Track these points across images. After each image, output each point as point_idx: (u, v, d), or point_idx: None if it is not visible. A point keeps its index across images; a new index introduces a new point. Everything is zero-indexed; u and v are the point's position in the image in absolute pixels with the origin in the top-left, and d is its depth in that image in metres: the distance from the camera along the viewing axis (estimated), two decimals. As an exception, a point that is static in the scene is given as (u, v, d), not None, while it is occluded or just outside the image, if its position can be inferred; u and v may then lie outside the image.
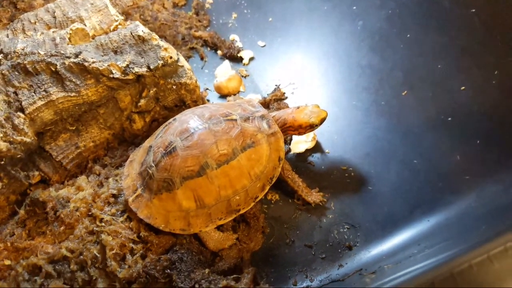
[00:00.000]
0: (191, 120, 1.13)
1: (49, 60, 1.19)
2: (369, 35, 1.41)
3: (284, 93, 1.44)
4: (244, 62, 1.58)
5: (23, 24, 1.31)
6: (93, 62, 1.19)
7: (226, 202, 1.11)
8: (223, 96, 1.51)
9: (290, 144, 1.35)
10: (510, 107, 1.08)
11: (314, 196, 1.25)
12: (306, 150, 1.34)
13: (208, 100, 1.49)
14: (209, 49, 1.63)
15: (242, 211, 1.13)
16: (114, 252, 1.08)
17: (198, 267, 1.10)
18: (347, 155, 1.31)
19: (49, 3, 1.35)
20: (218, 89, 1.51)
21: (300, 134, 1.24)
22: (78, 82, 1.20)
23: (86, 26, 1.27)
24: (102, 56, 1.22)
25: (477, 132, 1.13)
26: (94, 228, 1.12)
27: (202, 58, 1.60)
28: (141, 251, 1.10)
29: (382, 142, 1.29)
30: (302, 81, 1.24)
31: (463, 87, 1.17)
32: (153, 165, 1.10)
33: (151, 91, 1.27)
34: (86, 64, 1.19)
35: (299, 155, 1.35)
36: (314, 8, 1.56)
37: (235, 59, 1.59)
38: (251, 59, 1.59)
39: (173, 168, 1.07)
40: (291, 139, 1.35)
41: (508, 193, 1.01)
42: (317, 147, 1.35)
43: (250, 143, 1.12)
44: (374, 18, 1.39)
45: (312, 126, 1.20)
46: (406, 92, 1.28)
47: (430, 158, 1.20)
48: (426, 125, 1.24)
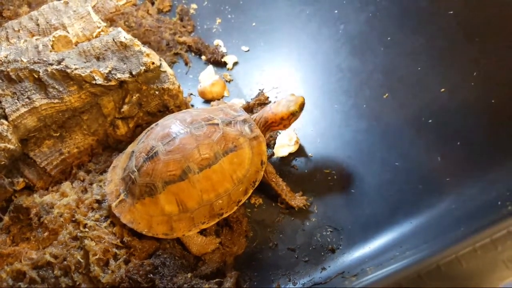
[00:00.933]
0: (173, 124, 1.13)
1: (31, 67, 1.20)
2: (350, 38, 1.42)
3: (267, 97, 1.44)
4: (228, 67, 1.59)
5: (7, 32, 1.32)
6: (75, 69, 1.20)
7: (209, 206, 1.11)
8: (207, 101, 1.51)
9: (273, 148, 1.36)
10: (489, 109, 1.09)
11: (297, 200, 1.25)
12: (290, 153, 1.34)
13: (192, 105, 1.49)
14: (193, 54, 1.63)
15: (225, 215, 1.13)
16: (97, 257, 1.08)
17: (180, 272, 1.10)
18: (330, 158, 1.32)
19: (33, 11, 1.36)
20: (202, 94, 1.51)
21: (286, 127, 1.24)
22: (61, 89, 1.20)
23: (69, 33, 1.28)
24: (85, 62, 1.23)
25: (457, 133, 1.14)
26: (78, 233, 1.12)
27: (186, 64, 1.61)
28: (124, 256, 1.11)
29: (363, 144, 1.30)
30: (285, 85, 1.25)
31: (443, 89, 1.18)
32: (135, 170, 1.11)
33: (134, 97, 1.27)
34: (68, 70, 1.20)
35: (283, 159, 1.35)
36: (296, 12, 1.57)
37: (219, 64, 1.59)
38: (235, 64, 1.59)
39: (155, 172, 1.08)
40: (275, 143, 1.36)
41: (485, 193, 1.02)
42: (300, 151, 1.35)
43: (232, 147, 1.12)
44: (355, 21, 1.41)
45: (293, 114, 1.20)
46: (387, 95, 1.29)
47: (411, 160, 1.20)
48: (407, 127, 1.24)
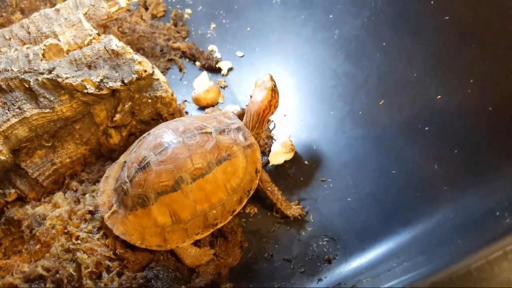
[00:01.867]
0: (165, 134, 1.11)
1: (22, 76, 1.19)
2: (345, 43, 1.40)
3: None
4: (222, 72, 1.57)
5: (-2, 40, 1.31)
6: (66, 78, 1.18)
7: (203, 216, 1.09)
8: (202, 107, 1.49)
9: (268, 155, 1.34)
10: (486, 116, 1.07)
11: (293, 209, 1.23)
12: (285, 161, 1.32)
13: (186, 112, 1.47)
14: (187, 60, 1.61)
15: (219, 225, 1.12)
16: (89, 270, 1.07)
17: (174, 285, 1.09)
18: (326, 166, 1.30)
19: (24, 19, 1.35)
20: (196, 100, 1.50)
21: (276, 107, 1.24)
22: (52, 98, 1.19)
23: (60, 41, 1.26)
24: (76, 71, 1.21)
25: (454, 141, 1.11)
26: (70, 246, 1.11)
27: (180, 70, 1.59)
28: (117, 269, 1.09)
29: (359, 151, 1.28)
30: (280, 91, 1.23)
31: (439, 96, 1.16)
32: (127, 180, 1.09)
33: (126, 106, 1.26)
34: (59, 80, 1.18)
35: (278, 167, 1.33)
36: (291, 17, 1.55)
37: (214, 70, 1.58)
38: (230, 70, 1.58)
39: (147, 183, 1.06)
40: (270, 151, 1.34)
41: (483, 203, 0.99)
42: (295, 158, 1.33)
43: (225, 156, 1.11)
44: (350, 26, 1.38)
45: (274, 90, 1.21)
46: (383, 101, 1.27)
47: (408, 168, 1.18)
48: (403, 134, 1.22)
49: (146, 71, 1.23)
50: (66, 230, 1.14)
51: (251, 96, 1.24)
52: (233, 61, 1.58)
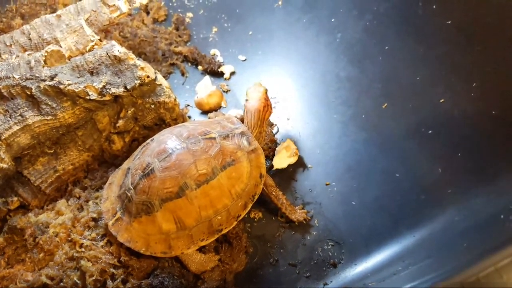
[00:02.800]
0: (169, 140, 1.11)
1: (24, 84, 1.18)
2: (348, 47, 1.40)
3: (265, 107, 1.42)
4: (225, 77, 1.56)
5: (-1, 47, 1.30)
6: (68, 84, 1.17)
7: (208, 222, 1.09)
8: (205, 112, 1.49)
9: (272, 160, 1.33)
10: (489, 120, 1.07)
11: (298, 214, 1.23)
12: (289, 165, 1.32)
13: (189, 116, 1.47)
14: (189, 64, 1.61)
15: (224, 231, 1.11)
16: (94, 278, 1.06)
17: (179, 291, 1.08)
18: (330, 170, 1.30)
19: (25, 25, 1.34)
20: (199, 105, 1.49)
21: (271, 109, 1.27)
22: (54, 105, 1.18)
23: (61, 47, 1.26)
24: (78, 77, 1.21)
25: (458, 144, 1.12)
26: (74, 254, 1.10)
27: (183, 74, 1.59)
28: (122, 276, 1.08)
29: (363, 155, 1.28)
30: (283, 94, 1.23)
31: (442, 99, 1.16)
32: (131, 187, 1.08)
33: (129, 111, 1.25)
34: (61, 86, 1.17)
35: (282, 171, 1.33)
36: (293, 20, 1.55)
37: (216, 74, 1.57)
38: (232, 74, 1.57)
39: (151, 190, 1.05)
40: (274, 155, 1.34)
41: (488, 206, 0.99)
42: (299, 162, 1.33)
43: (230, 161, 1.10)
44: (352, 30, 1.38)
45: (266, 92, 1.27)
46: (386, 104, 1.27)
47: (412, 171, 1.18)
48: (407, 137, 1.22)
49: (148, 77, 1.22)
50: (69, 238, 1.13)
51: (247, 100, 1.26)
52: (235, 65, 1.58)
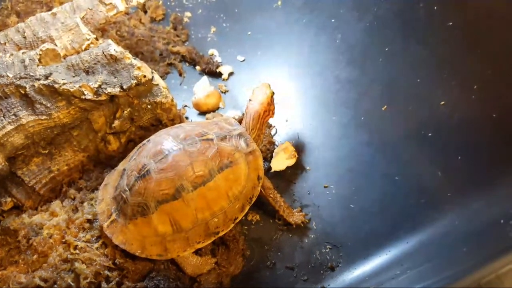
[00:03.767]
0: (165, 141, 1.09)
1: (18, 82, 1.16)
2: (347, 48, 1.39)
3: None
4: (223, 77, 1.55)
5: (-7, 45, 1.28)
6: (63, 84, 1.16)
7: (204, 225, 1.08)
8: (202, 113, 1.47)
9: (270, 161, 1.32)
10: (490, 123, 1.06)
11: (295, 216, 1.22)
12: (287, 167, 1.31)
13: (186, 117, 1.45)
14: (187, 64, 1.59)
15: (221, 234, 1.10)
16: (88, 280, 1.05)
17: (175, 295, 1.07)
18: (328, 172, 1.29)
19: (20, 23, 1.32)
20: (196, 106, 1.48)
21: (273, 112, 1.26)
22: (48, 105, 1.16)
23: (56, 46, 1.24)
24: (73, 77, 1.19)
25: (458, 147, 1.11)
26: (68, 255, 1.09)
27: (180, 74, 1.57)
28: (117, 279, 1.07)
29: (362, 157, 1.27)
30: (282, 95, 1.22)
31: (443, 102, 1.15)
32: (127, 189, 1.07)
33: (125, 112, 1.23)
34: (56, 86, 1.15)
35: (280, 173, 1.31)
36: (293, 21, 1.54)
37: (214, 75, 1.56)
38: (231, 74, 1.56)
39: (147, 192, 1.04)
40: (272, 157, 1.33)
41: (488, 209, 0.99)
42: (298, 164, 1.32)
43: (227, 163, 1.09)
44: (352, 31, 1.37)
45: (272, 96, 1.25)
46: (386, 107, 1.26)
47: (412, 174, 1.17)
48: (407, 140, 1.21)
49: (145, 77, 1.21)
50: (64, 240, 1.12)
51: (250, 99, 1.24)
52: (234, 65, 1.57)
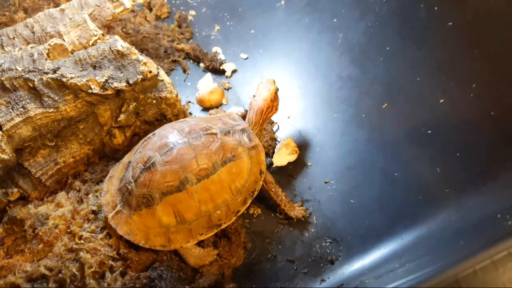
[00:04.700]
0: (170, 134, 1.12)
1: (26, 76, 1.18)
2: (349, 48, 1.41)
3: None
4: (226, 74, 1.58)
5: (2, 39, 1.30)
6: (71, 78, 1.18)
7: (207, 217, 1.10)
8: (206, 109, 1.50)
9: (272, 157, 1.34)
10: (488, 120, 1.08)
11: (296, 210, 1.24)
12: (288, 163, 1.33)
13: (190, 113, 1.48)
14: (191, 61, 1.62)
15: (223, 226, 1.12)
16: (93, 270, 1.07)
17: (178, 285, 1.08)
18: (329, 168, 1.31)
19: (28, 18, 1.34)
20: (200, 102, 1.50)
21: (277, 108, 1.28)
22: (56, 98, 1.18)
23: (64, 41, 1.26)
24: (81, 71, 1.21)
25: (456, 145, 1.13)
26: (73, 245, 1.11)
27: (184, 71, 1.60)
28: (120, 269, 1.09)
29: (363, 154, 1.29)
30: (284, 93, 1.24)
31: (442, 100, 1.17)
32: (132, 180, 1.09)
33: (131, 106, 1.26)
34: (64, 79, 1.18)
35: (282, 168, 1.34)
36: (295, 20, 1.56)
37: (218, 72, 1.59)
38: (234, 72, 1.59)
39: (152, 183, 1.06)
40: (274, 152, 1.35)
41: (485, 205, 1.01)
42: (299, 160, 1.34)
43: (230, 157, 1.11)
44: (354, 30, 1.40)
45: (276, 92, 1.27)
46: (386, 105, 1.28)
47: (411, 171, 1.19)
48: (406, 137, 1.24)
49: (151, 72, 1.23)
50: (69, 230, 1.14)
51: (254, 95, 1.26)
52: (237, 63, 1.59)
